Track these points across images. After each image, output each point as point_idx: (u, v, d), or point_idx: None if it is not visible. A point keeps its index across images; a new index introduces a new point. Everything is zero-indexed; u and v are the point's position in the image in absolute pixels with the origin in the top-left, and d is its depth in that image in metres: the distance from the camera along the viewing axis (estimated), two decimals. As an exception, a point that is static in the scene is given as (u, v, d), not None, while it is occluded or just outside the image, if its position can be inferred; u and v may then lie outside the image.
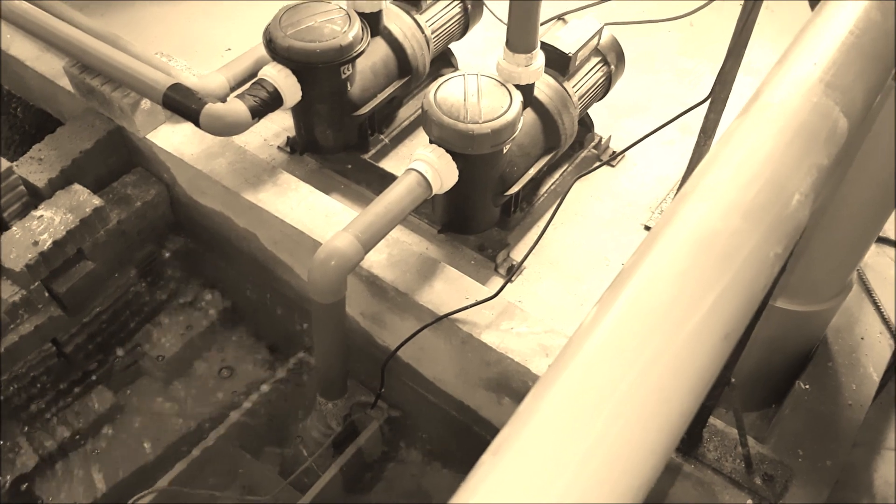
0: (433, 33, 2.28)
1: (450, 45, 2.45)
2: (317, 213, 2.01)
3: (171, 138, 2.20)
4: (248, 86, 2.00)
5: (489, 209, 2.03)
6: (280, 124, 2.35)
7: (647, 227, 2.17)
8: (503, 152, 1.87)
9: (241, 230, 2.18)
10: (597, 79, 2.13)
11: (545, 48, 1.94)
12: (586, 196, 2.21)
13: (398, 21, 2.20)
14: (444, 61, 2.49)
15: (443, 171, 1.80)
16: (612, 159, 2.29)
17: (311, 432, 2.03)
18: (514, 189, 1.98)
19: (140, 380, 2.34)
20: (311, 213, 2.00)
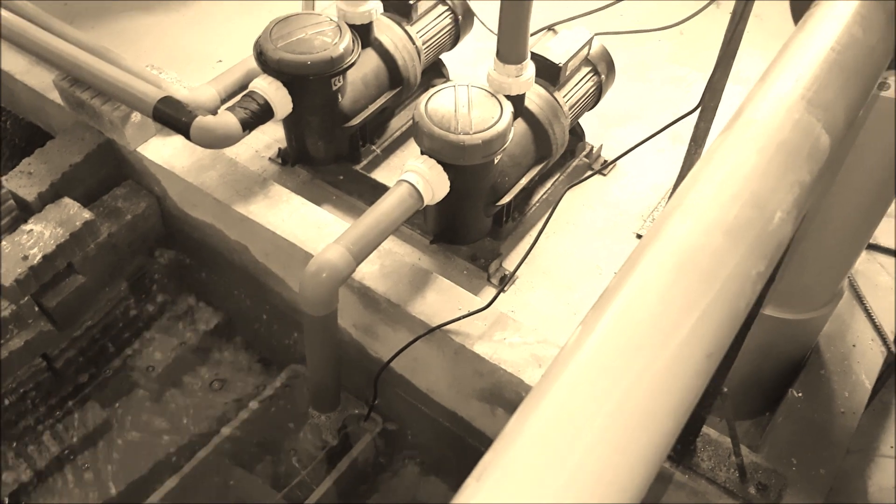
0: (424, 44, 2.28)
1: (441, 56, 2.46)
2: (308, 225, 2.00)
3: (161, 151, 2.20)
4: (238, 98, 2.00)
5: (481, 219, 2.03)
6: (271, 136, 2.35)
7: (638, 236, 2.18)
8: (494, 163, 1.87)
9: (233, 242, 2.18)
10: (587, 88, 2.14)
11: (535, 58, 1.94)
12: (578, 205, 2.21)
13: (389, 32, 2.20)
14: (435, 72, 2.49)
15: (434, 182, 1.79)
16: (604, 168, 2.30)
17: (305, 445, 2.02)
18: (506, 199, 1.98)
19: (131, 393, 2.32)
20: (303, 225, 2.00)
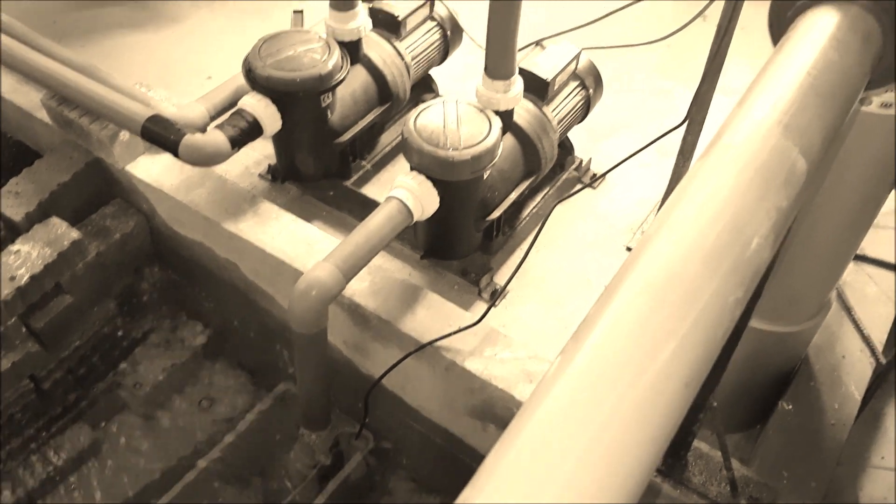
0: (413, 60, 2.29)
1: (430, 71, 2.47)
2: (298, 242, 1.99)
3: (150, 169, 2.19)
4: (228, 115, 1.99)
5: (471, 234, 2.03)
6: (261, 152, 2.34)
7: (628, 249, 2.18)
8: (483, 178, 1.87)
9: (222, 260, 2.17)
10: (575, 102, 2.15)
11: (523, 74, 1.95)
12: (568, 218, 2.22)
13: (378, 49, 2.21)
14: (424, 87, 2.50)
15: (423, 198, 1.79)
16: (593, 182, 2.31)
17: (295, 464, 2.00)
18: (496, 214, 1.98)
19: (120, 413, 2.30)
20: (293, 242, 1.99)
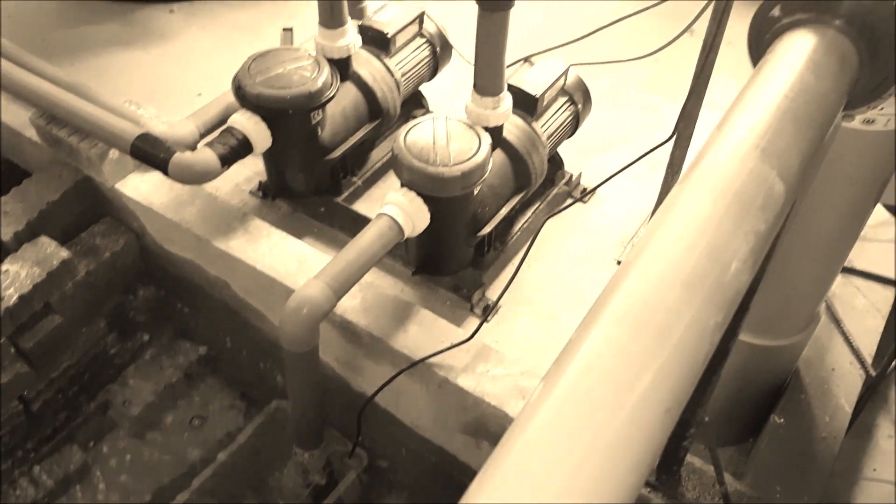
0: (403, 76, 2.30)
1: (420, 87, 2.48)
2: (289, 260, 1.99)
3: (140, 187, 2.18)
4: (217, 133, 2.00)
5: (463, 250, 2.03)
6: (252, 168, 2.34)
7: (619, 262, 2.19)
8: (474, 194, 1.88)
9: (213, 278, 2.16)
10: (564, 118, 2.17)
11: (512, 90, 1.96)
12: (559, 233, 2.22)
13: (368, 66, 2.22)
14: (415, 103, 2.51)
15: (414, 215, 1.80)
16: (584, 196, 2.32)
17: (288, 484, 1.99)
18: (487, 229, 1.99)
19: (111, 434, 2.28)
20: (283, 260, 1.99)
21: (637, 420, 0.53)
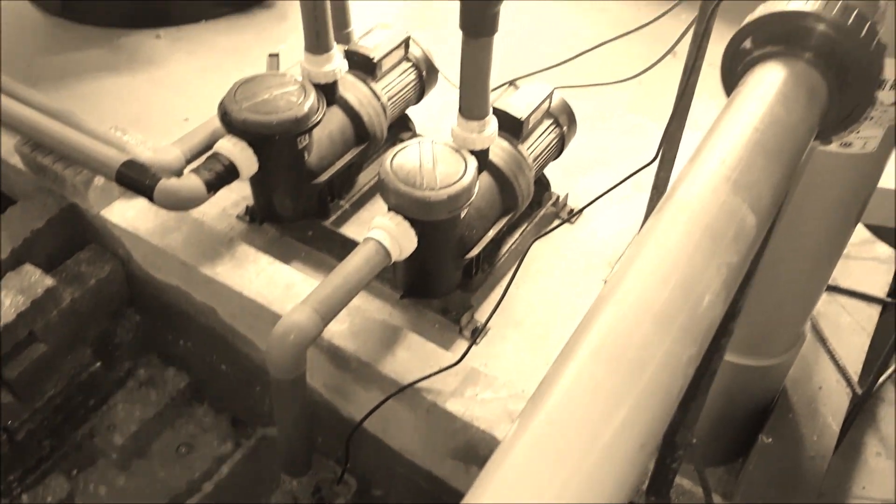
0: (389, 100, 2.32)
1: (407, 110, 2.50)
2: (276, 285, 1.98)
3: (125, 214, 2.18)
4: (203, 159, 2.00)
5: (450, 272, 2.03)
6: (239, 193, 2.34)
7: (605, 282, 2.20)
8: (461, 217, 1.88)
9: (199, 304, 2.15)
10: (550, 140, 2.19)
11: (498, 113, 1.98)
12: (547, 254, 2.23)
13: (354, 90, 2.23)
14: (402, 126, 2.53)
15: (401, 239, 1.80)
16: (571, 217, 2.33)
17: (276, 512, 1.96)
18: (474, 252, 1.99)
19: (97, 463, 2.25)
20: (270, 285, 1.98)
21: (612, 458, 0.53)
